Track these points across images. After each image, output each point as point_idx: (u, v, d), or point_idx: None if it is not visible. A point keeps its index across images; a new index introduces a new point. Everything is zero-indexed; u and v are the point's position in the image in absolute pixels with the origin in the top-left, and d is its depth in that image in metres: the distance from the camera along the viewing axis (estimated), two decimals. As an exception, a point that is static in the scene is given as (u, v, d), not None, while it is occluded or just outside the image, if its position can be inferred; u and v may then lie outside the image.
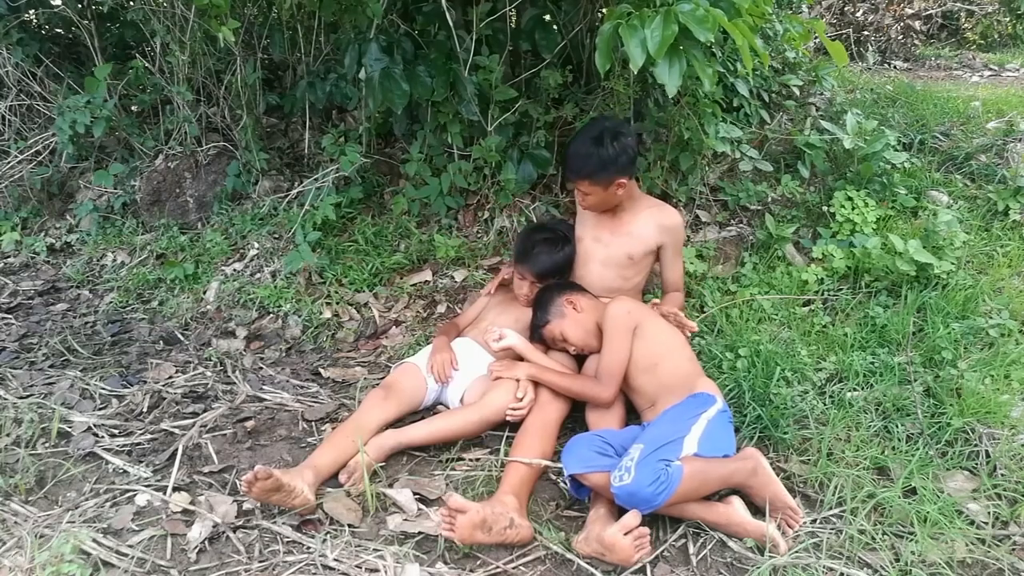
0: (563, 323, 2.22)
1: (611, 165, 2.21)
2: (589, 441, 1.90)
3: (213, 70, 3.46)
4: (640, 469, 1.70)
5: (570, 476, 1.87)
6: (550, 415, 2.10)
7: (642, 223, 2.38)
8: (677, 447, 1.79)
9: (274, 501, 1.81)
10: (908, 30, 6.02)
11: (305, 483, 1.86)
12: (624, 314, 2.10)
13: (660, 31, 1.96)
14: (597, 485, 1.83)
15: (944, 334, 2.36)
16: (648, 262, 2.43)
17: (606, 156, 2.20)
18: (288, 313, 2.88)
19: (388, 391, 2.20)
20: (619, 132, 2.23)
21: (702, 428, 1.85)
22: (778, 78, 3.70)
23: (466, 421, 2.13)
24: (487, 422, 2.13)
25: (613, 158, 2.20)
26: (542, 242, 2.44)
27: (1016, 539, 1.78)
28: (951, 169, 3.41)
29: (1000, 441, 2.02)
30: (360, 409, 2.15)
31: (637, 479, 1.69)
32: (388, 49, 2.86)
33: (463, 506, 1.71)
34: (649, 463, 1.71)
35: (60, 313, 3.03)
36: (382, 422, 2.13)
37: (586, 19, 2.99)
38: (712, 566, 1.74)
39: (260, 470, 1.76)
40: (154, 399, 2.40)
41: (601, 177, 2.23)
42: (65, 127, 3.28)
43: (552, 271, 2.42)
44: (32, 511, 1.87)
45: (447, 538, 1.75)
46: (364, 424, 2.08)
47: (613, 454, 1.86)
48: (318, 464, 1.96)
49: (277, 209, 3.29)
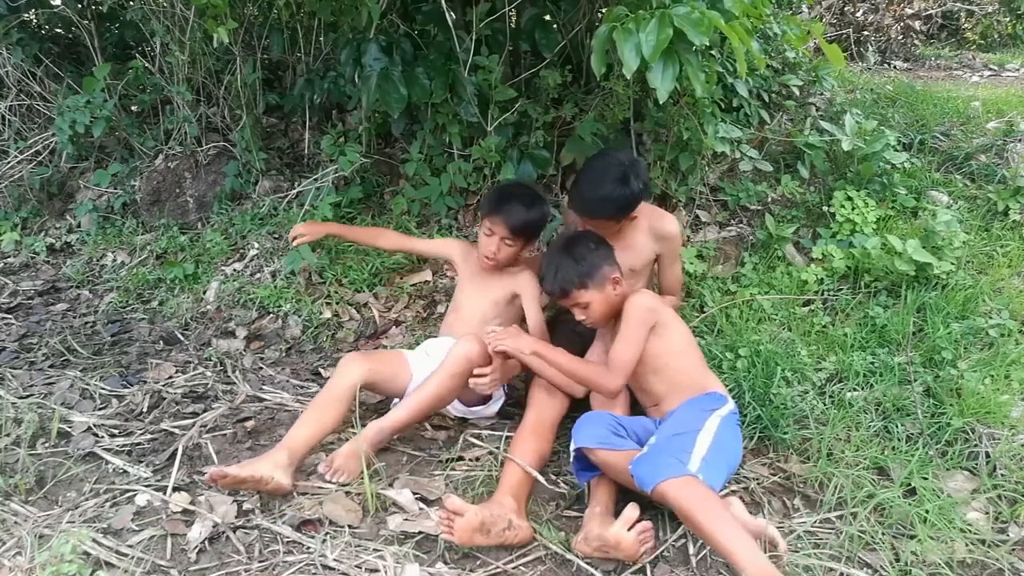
0: (597, 296, 2.03)
1: (631, 207, 2.20)
2: (604, 419, 1.87)
3: (213, 70, 3.46)
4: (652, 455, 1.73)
5: (576, 452, 1.86)
6: (548, 414, 2.09)
7: (642, 234, 2.34)
8: (690, 441, 1.77)
9: (247, 488, 1.84)
10: (908, 30, 6.02)
11: (277, 467, 1.87)
12: (647, 309, 2.02)
13: (655, 35, 1.95)
14: (604, 463, 1.82)
15: (944, 334, 2.36)
16: (650, 267, 2.42)
17: (628, 199, 2.17)
18: (288, 313, 2.88)
19: (367, 356, 2.19)
20: (640, 170, 2.19)
21: (715, 427, 1.83)
22: (778, 78, 3.70)
23: (437, 382, 2.08)
24: (454, 375, 2.07)
25: (635, 198, 2.18)
26: (517, 196, 2.30)
27: (1016, 539, 1.78)
28: (951, 169, 3.41)
29: (1000, 441, 2.02)
30: (332, 375, 2.11)
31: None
32: (387, 49, 2.86)
33: (461, 508, 1.71)
34: (663, 455, 1.73)
35: (60, 313, 3.03)
36: (355, 383, 2.07)
37: (586, 19, 2.99)
38: (712, 566, 1.74)
39: (214, 472, 1.78)
40: (154, 399, 2.40)
41: (619, 216, 2.21)
42: (65, 127, 3.28)
43: (525, 229, 2.28)
44: (32, 511, 1.87)
45: (446, 541, 1.75)
46: (337, 389, 2.05)
47: (626, 436, 1.85)
48: (292, 444, 1.95)
49: (277, 209, 3.29)
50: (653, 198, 3.02)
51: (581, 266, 2.02)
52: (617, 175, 2.15)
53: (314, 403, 2.06)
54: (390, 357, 2.28)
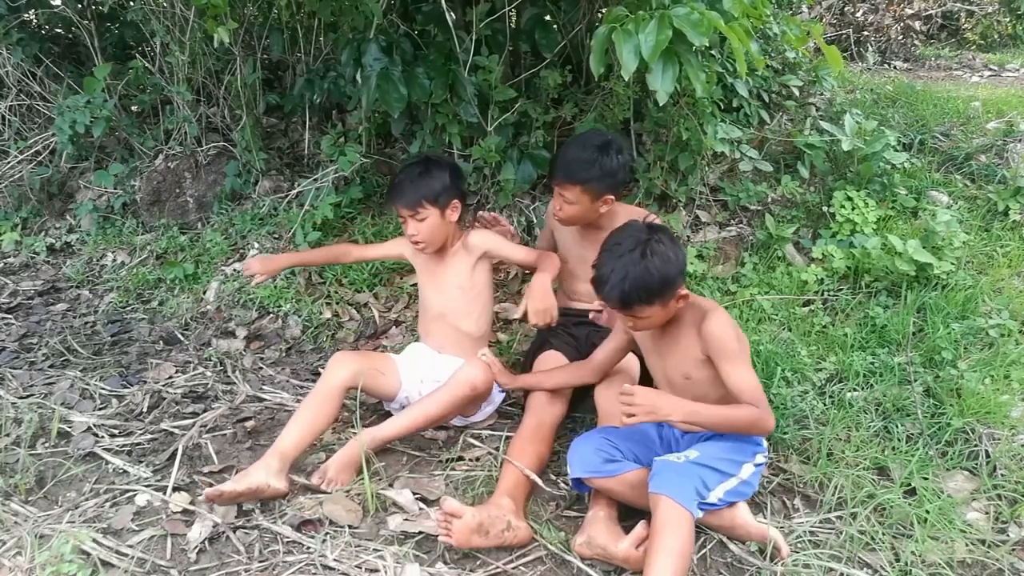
0: (660, 312, 1.75)
1: (609, 178, 2.14)
2: (596, 444, 1.82)
3: (213, 70, 3.46)
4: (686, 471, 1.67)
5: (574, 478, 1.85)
6: (546, 418, 2.07)
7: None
8: (719, 480, 1.72)
9: (247, 500, 1.85)
10: (908, 30, 6.02)
11: (271, 473, 1.87)
12: (737, 327, 1.81)
13: (654, 36, 1.95)
14: (602, 488, 1.80)
15: (944, 334, 2.36)
16: None
17: (608, 167, 2.13)
18: (288, 313, 2.88)
19: (356, 355, 2.18)
20: (623, 148, 2.19)
21: (747, 475, 1.78)
22: (778, 78, 3.70)
23: (437, 402, 2.08)
24: (456, 398, 2.08)
25: (613, 171, 2.14)
26: (404, 173, 2.20)
27: (1016, 539, 1.78)
28: (951, 169, 3.41)
29: (1000, 441, 2.02)
30: (323, 374, 2.10)
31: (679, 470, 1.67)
32: (387, 49, 2.86)
33: (458, 511, 1.70)
34: (690, 476, 1.66)
35: (60, 313, 3.03)
36: (344, 382, 2.06)
37: (586, 19, 2.99)
38: (712, 566, 1.74)
39: (210, 493, 1.79)
40: (154, 399, 2.40)
41: (595, 187, 2.14)
42: (65, 127, 3.28)
43: (421, 198, 2.15)
44: (32, 511, 1.87)
45: (444, 544, 1.74)
46: (326, 388, 2.04)
47: (620, 457, 1.81)
48: (283, 448, 1.94)
49: (277, 209, 3.29)
50: (653, 198, 3.02)
51: (654, 278, 1.69)
52: (598, 142, 2.15)
53: (305, 404, 2.05)
54: (379, 359, 2.25)
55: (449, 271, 2.29)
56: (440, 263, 2.30)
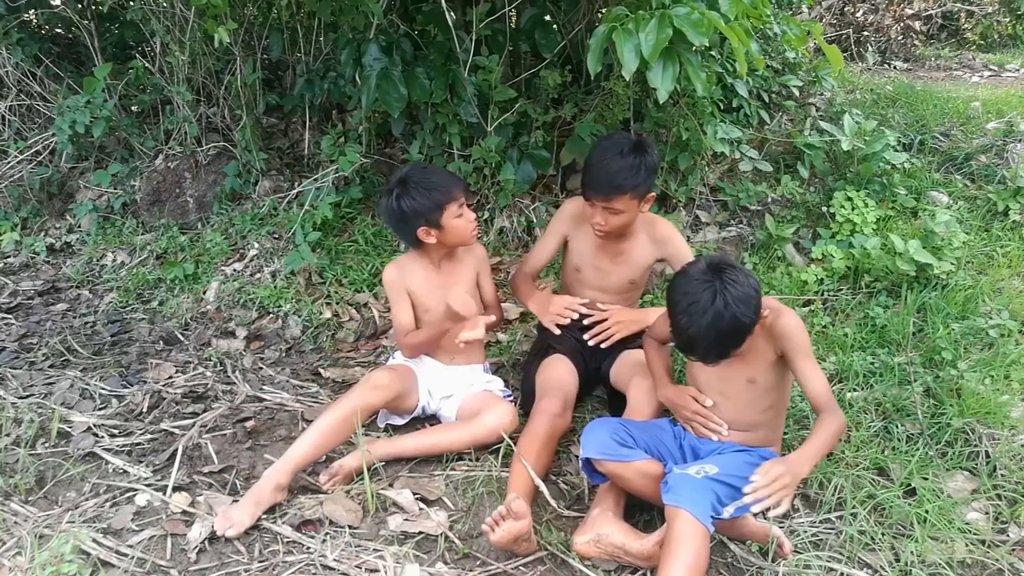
0: (751, 341, 1.68)
1: (653, 175, 2.10)
2: (612, 428, 1.81)
3: (213, 70, 3.45)
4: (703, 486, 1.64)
5: (585, 459, 1.83)
6: (558, 427, 2.04)
7: (638, 244, 2.24)
8: (737, 497, 1.66)
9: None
10: (908, 30, 6.02)
11: (279, 490, 1.89)
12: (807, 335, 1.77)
13: (655, 35, 1.95)
14: (610, 473, 1.78)
15: (944, 334, 2.37)
16: (647, 275, 2.34)
17: (651, 164, 2.07)
18: (288, 313, 2.88)
19: (395, 376, 2.14)
20: (645, 139, 2.13)
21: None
22: (778, 78, 3.70)
23: (457, 439, 2.09)
24: (477, 442, 2.08)
25: (655, 167, 2.10)
26: (383, 195, 2.15)
27: (1016, 539, 1.78)
28: (951, 169, 3.41)
29: (1000, 441, 2.02)
30: (357, 391, 2.07)
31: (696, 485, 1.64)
32: (387, 49, 2.86)
33: (523, 513, 1.67)
34: (706, 492, 1.63)
35: (60, 313, 3.03)
36: (377, 406, 2.12)
37: (585, 19, 2.99)
38: (712, 566, 1.74)
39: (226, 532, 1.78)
40: (154, 399, 2.40)
41: (643, 189, 2.07)
42: (65, 127, 3.28)
43: (392, 222, 2.16)
44: (32, 511, 1.87)
45: (484, 533, 1.71)
46: (357, 409, 2.00)
47: (634, 445, 1.79)
48: (295, 468, 1.93)
49: (277, 209, 3.29)
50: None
51: (744, 324, 1.60)
52: (628, 146, 2.06)
53: (329, 422, 1.98)
54: (408, 378, 2.21)
55: (459, 277, 2.26)
56: (453, 266, 2.27)
